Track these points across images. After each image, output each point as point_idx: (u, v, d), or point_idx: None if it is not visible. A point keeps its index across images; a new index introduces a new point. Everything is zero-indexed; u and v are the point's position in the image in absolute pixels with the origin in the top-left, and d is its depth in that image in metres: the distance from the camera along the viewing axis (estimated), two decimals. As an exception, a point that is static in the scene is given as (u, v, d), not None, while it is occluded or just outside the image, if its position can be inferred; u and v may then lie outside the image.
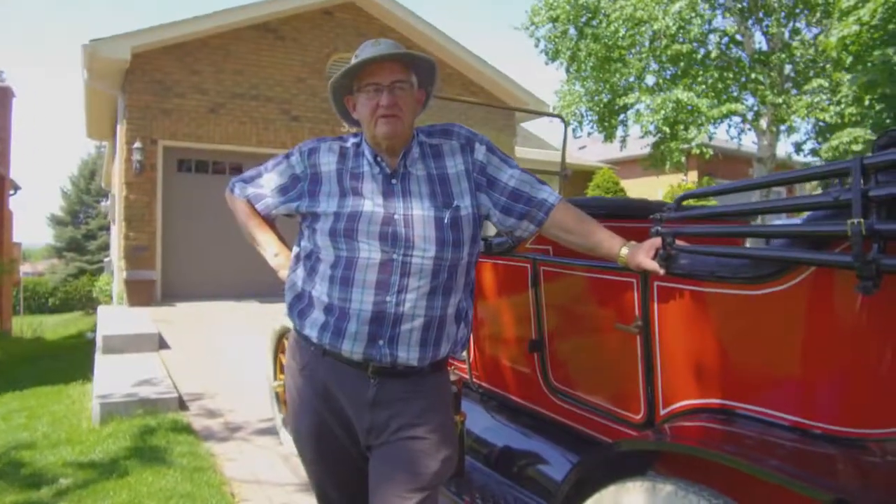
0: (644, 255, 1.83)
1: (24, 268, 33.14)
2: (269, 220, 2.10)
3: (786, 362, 1.68)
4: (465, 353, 2.95)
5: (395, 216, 1.79)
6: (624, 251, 1.86)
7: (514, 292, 2.62)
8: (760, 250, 1.62)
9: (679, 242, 1.82)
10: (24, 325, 18.05)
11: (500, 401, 2.86)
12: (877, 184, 1.39)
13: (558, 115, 4.11)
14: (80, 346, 10.76)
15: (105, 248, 30.75)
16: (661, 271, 1.81)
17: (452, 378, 2.53)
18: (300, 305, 1.90)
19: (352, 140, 1.96)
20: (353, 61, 1.84)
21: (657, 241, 1.84)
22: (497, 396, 2.86)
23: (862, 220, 1.35)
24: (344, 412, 1.86)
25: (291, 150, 1.99)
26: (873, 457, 1.55)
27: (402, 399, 1.81)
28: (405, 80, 1.84)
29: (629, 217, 2.69)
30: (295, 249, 1.99)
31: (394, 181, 1.85)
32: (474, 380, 3.00)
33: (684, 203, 1.86)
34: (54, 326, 20.49)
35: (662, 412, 2.00)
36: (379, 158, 1.87)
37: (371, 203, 1.81)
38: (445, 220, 1.81)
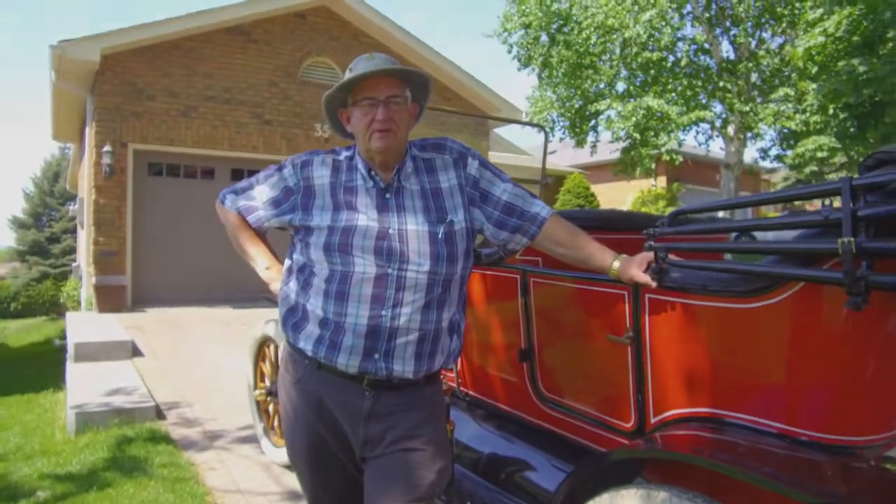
0: (636, 269, 1.88)
1: (-15, 271, 32.33)
2: (259, 233, 2.10)
3: (775, 373, 1.73)
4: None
5: (390, 231, 1.81)
6: (616, 264, 1.91)
7: (503, 303, 2.65)
8: (753, 266, 1.67)
9: (671, 256, 1.87)
10: (-15, 331, 17.60)
11: (487, 409, 2.89)
12: (865, 204, 1.45)
13: (539, 126, 4.17)
14: (48, 353, 10.54)
15: (69, 251, 30.12)
16: (654, 284, 1.86)
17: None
18: (294, 319, 1.91)
19: (344, 153, 1.97)
20: (348, 75, 1.86)
21: (649, 255, 1.89)
22: (485, 405, 2.89)
23: (852, 238, 1.41)
24: (339, 425, 1.87)
25: (284, 163, 2.00)
26: (860, 463, 1.62)
27: (398, 411, 1.84)
28: (400, 95, 1.86)
29: (619, 229, 2.74)
30: (287, 262, 2.00)
31: (388, 195, 1.87)
32: (461, 388, 3.02)
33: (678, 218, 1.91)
34: (17, 332, 20.00)
35: (653, 421, 2.05)
36: (373, 172, 1.88)
37: (365, 217, 1.83)
38: (440, 235, 1.84)
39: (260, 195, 2.02)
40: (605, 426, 2.23)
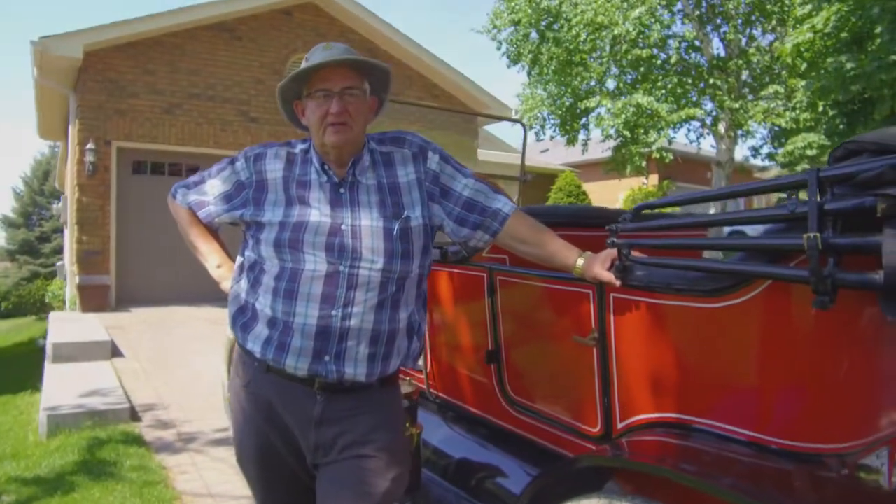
0: (600, 267, 1.80)
1: (-25, 271, 32.11)
2: (212, 229, 2.02)
3: (742, 376, 1.65)
4: (421, 363, 2.90)
5: (343, 227, 1.73)
6: (580, 262, 1.83)
7: (470, 302, 2.57)
8: (716, 263, 1.60)
9: (636, 254, 1.79)
10: (-28, 331, 17.43)
11: (457, 412, 2.81)
12: (833, 197, 1.37)
13: (518, 120, 4.10)
14: (31, 353, 10.41)
15: (59, 250, 29.90)
16: (617, 283, 1.78)
17: (409, 389, 2.48)
18: (243, 319, 1.82)
19: (300, 146, 1.89)
20: (304, 65, 1.78)
21: (613, 252, 1.80)
22: (454, 407, 2.81)
23: (818, 234, 1.33)
24: (289, 430, 1.79)
25: (237, 156, 1.92)
26: (830, 472, 1.53)
27: (350, 416, 1.75)
28: (357, 87, 1.78)
29: (585, 225, 2.66)
30: (239, 259, 1.91)
31: (342, 190, 1.79)
32: (431, 390, 2.94)
33: (643, 213, 1.83)
34: (6, 332, 19.84)
35: (619, 426, 1.97)
36: (327, 166, 1.80)
37: (318, 213, 1.75)
38: (395, 231, 1.76)
39: (212, 189, 1.94)
40: (572, 430, 2.15)
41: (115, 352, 6.95)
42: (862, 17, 8.34)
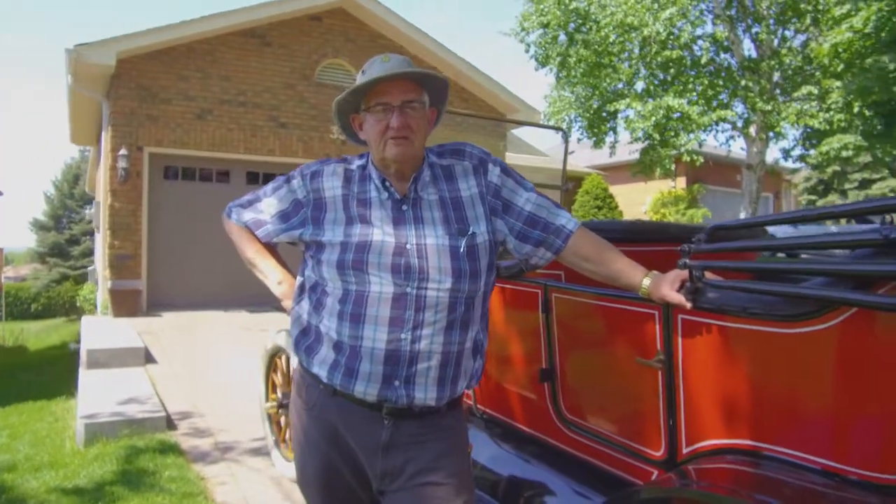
0: (668, 288, 1.73)
1: (7, 272, 32.64)
2: (269, 247, 1.97)
3: (821, 403, 1.58)
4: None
5: (408, 246, 1.68)
6: (646, 282, 1.76)
7: (523, 318, 2.51)
8: (803, 289, 1.51)
9: (708, 275, 1.72)
10: (5, 332, 17.70)
11: (505, 429, 2.75)
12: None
13: (560, 129, 4.03)
14: (63, 357, 10.54)
15: (88, 253, 30.38)
16: (688, 305, 1.71)
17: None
18: (307, 341, 1.78)
19: (357, 162, 1.83)
20: (361, 78, 1.72)
21: (683, 273, 1.73)
22: (503, 424, 2.75)
23: None
24: (354, 455, 1.74)
25: (292, 173, 1.87)
26: None
27: (417, 442, 1.70)
28: (417, 100, 1.72)
29: (644, 241, 2.58)
30: (299, 279, 1.86)
31: (404, 207, 1.73)
32: (478, 406, 2.88)
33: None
34: (37, 333, 20.17)
35: (685, 451, 1.90)
36: (388, 183, 1.74)
37: (381, 232, 1.69)
38: (461, 249, 1.70)
39: (268, 208, 1.88)
40: (632, 453, 2.08)
41: (148, 358, 6.99)
42: (903, 18, 8.16)
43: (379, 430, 1.69)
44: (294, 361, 3.71)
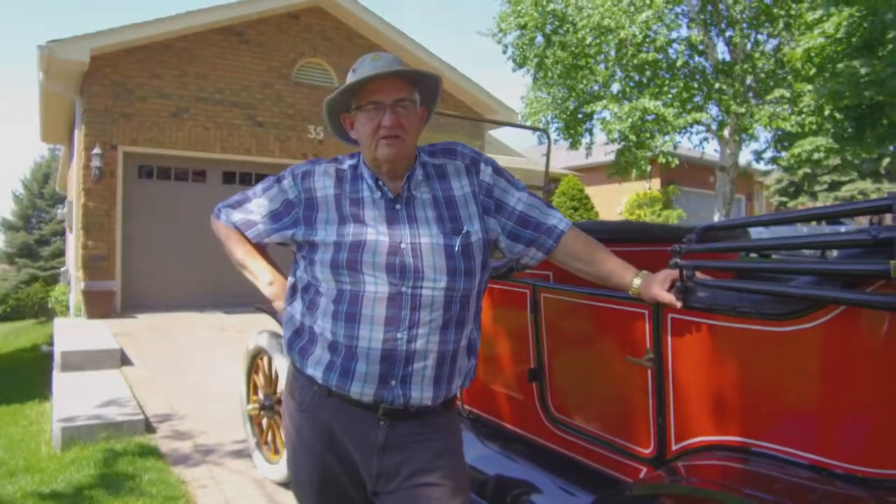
0: (659, 287, 1.75)
1: (-26, 274, 31.99)
2: (259, 247, 1.96)
3: (808, 400, 1.61)
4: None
5: (402, 245, 1.67)
6: (636, 282, 1.78)
7: (511, 318, 2.52)
8: (792, 288, 1.55)
9: (700, 275, 1.74)
10: (-27, 335, 17.33)
11: (491, 428, 2.76)
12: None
13: (543, 130, 4.05)
14: (35, 360, 10.33)
15: (59, 254, 29.81)
16: (679, 304, 1.74)
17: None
18: (300, 342, 1.76)
19: (348, 162, 1.83)
20: (352, 77, 1.72)
21: (673, 272, 1.76)
22: (490, 424, 2.76)
23: None
24: (349, 456, 1.73)
25: (283, 173, 1.85)
26: None
27: (414, 442, 1.70)
28: (408, 99, 1.72)
29: (631, 241, 2.61)
30: (290, 280, 1.85)
31: (398, 206, 1.73)
32: (465, 405, 2.89)
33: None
34: (6, 336, 19.72)
35: (674, 448, 1.92)
36: (380, 182, 1.74)
37: (375, 231, 1.69)
38: (456, 248, 1.70)
39: (258, 208, 1.86)
40: (622, 451, 2.10)
41: (124, 360, 6.88)
42: (874, 23, 8.32)
43: (374, 431, 1.69)
44: (277, 362, 3.70)
